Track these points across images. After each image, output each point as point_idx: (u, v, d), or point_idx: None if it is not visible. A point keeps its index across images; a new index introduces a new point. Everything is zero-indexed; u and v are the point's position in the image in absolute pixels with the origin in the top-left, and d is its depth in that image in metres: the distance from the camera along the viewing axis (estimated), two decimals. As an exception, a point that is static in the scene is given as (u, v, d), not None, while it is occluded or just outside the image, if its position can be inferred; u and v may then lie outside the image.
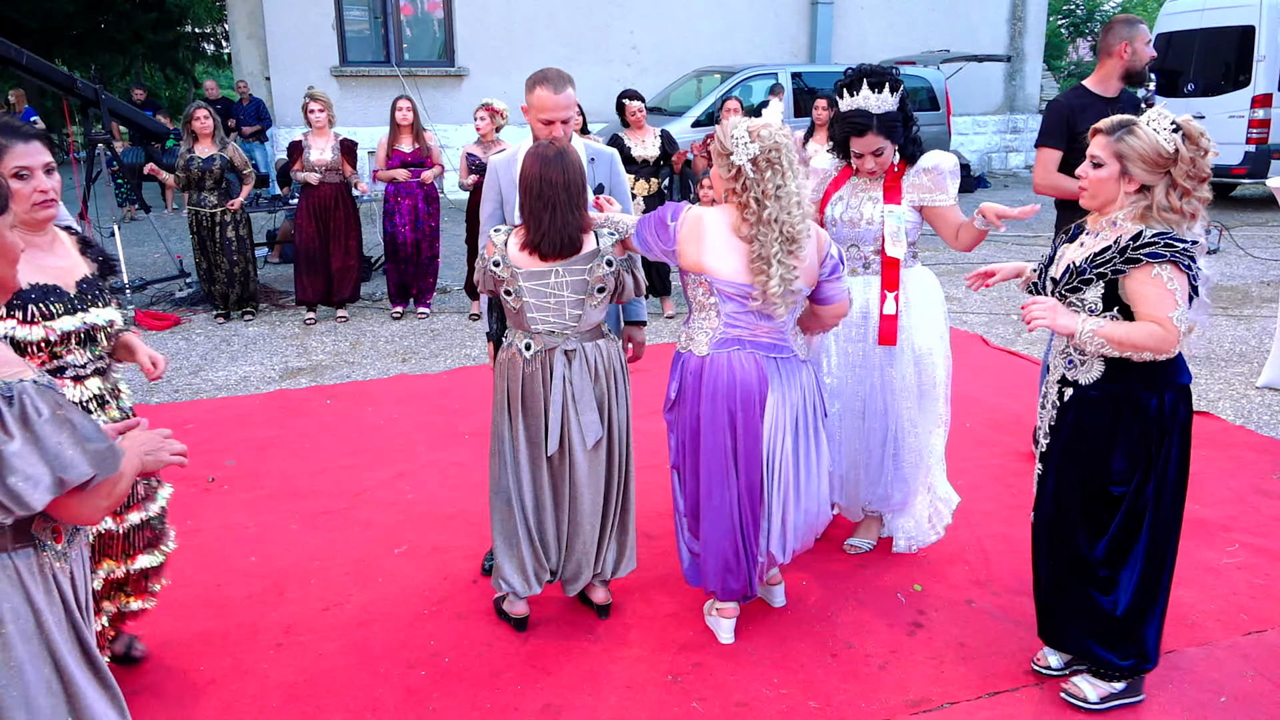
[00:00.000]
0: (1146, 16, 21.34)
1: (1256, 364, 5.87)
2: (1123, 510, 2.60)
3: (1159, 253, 2.40)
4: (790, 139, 2.82)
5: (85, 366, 2.58)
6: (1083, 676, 2.78)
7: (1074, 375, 2.62)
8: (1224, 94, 11.83)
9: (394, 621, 3.26)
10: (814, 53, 14.95)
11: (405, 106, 7.16)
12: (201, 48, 25.06)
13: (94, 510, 1.71)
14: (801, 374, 2.97)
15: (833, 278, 2.92)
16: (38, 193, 2.42)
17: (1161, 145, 2.42)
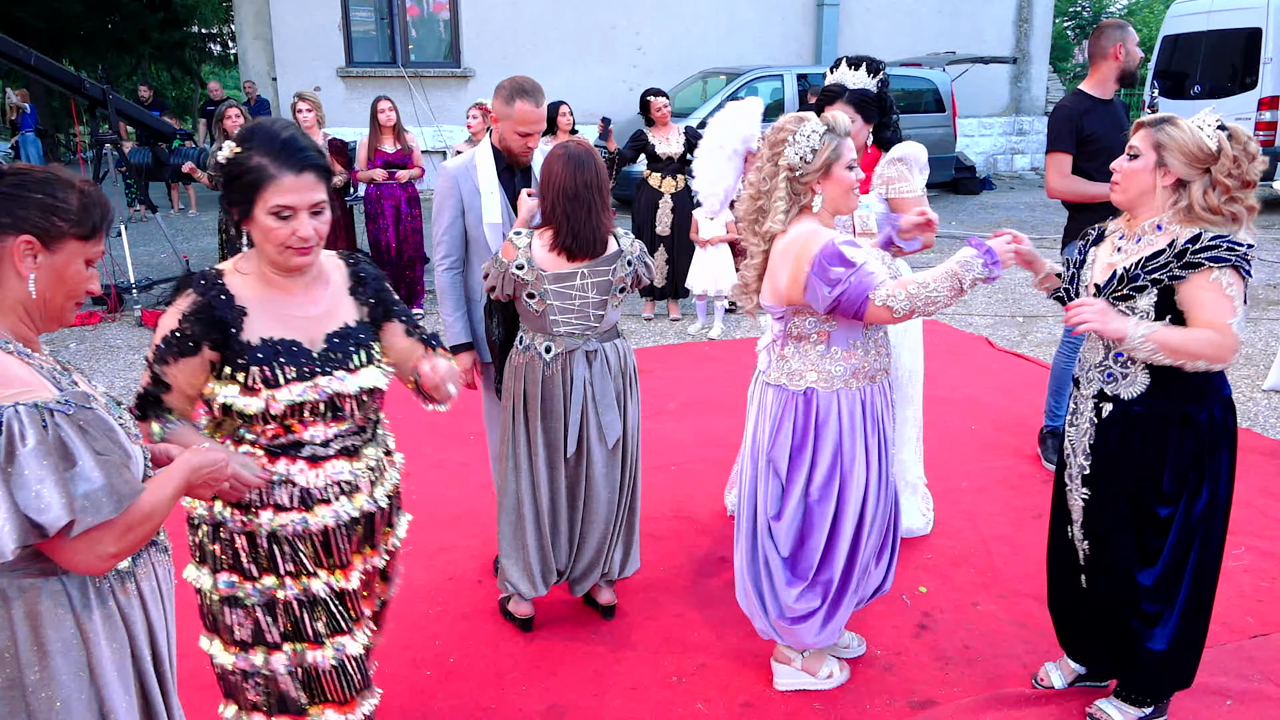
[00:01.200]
0: (1152, 19, 21.34)
1: (1263, 367, 5.86)
2: (1173, 535, 2.47)
3: (1222, 256, 2.26)
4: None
5: (329, 444, 2.01)
6: (1110, 701, 2.69)
7: (1114, 390, 2.46)
8: (1231, 96, 11.80)
9: (399, 621, 3.25)
10: (820, 54, 14.95)
11: (387, 107, 7.18)
12: (208, 48, 25.17)
13: (95, 559, 1.48)
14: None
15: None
16: (296, 238, 1.90)
17: (1203, 140, 2.31)
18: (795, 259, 2.51)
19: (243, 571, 2.02)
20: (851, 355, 2.63)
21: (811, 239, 2.51)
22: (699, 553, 3.73)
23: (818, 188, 2.57)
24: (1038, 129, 16.90)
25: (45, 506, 1.40)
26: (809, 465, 2.67)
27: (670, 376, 5.90)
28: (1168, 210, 2.39)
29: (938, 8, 15.67)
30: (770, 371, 2.74)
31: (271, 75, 13.62)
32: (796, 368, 2.66)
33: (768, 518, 2.76)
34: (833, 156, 2.54)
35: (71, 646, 1.50)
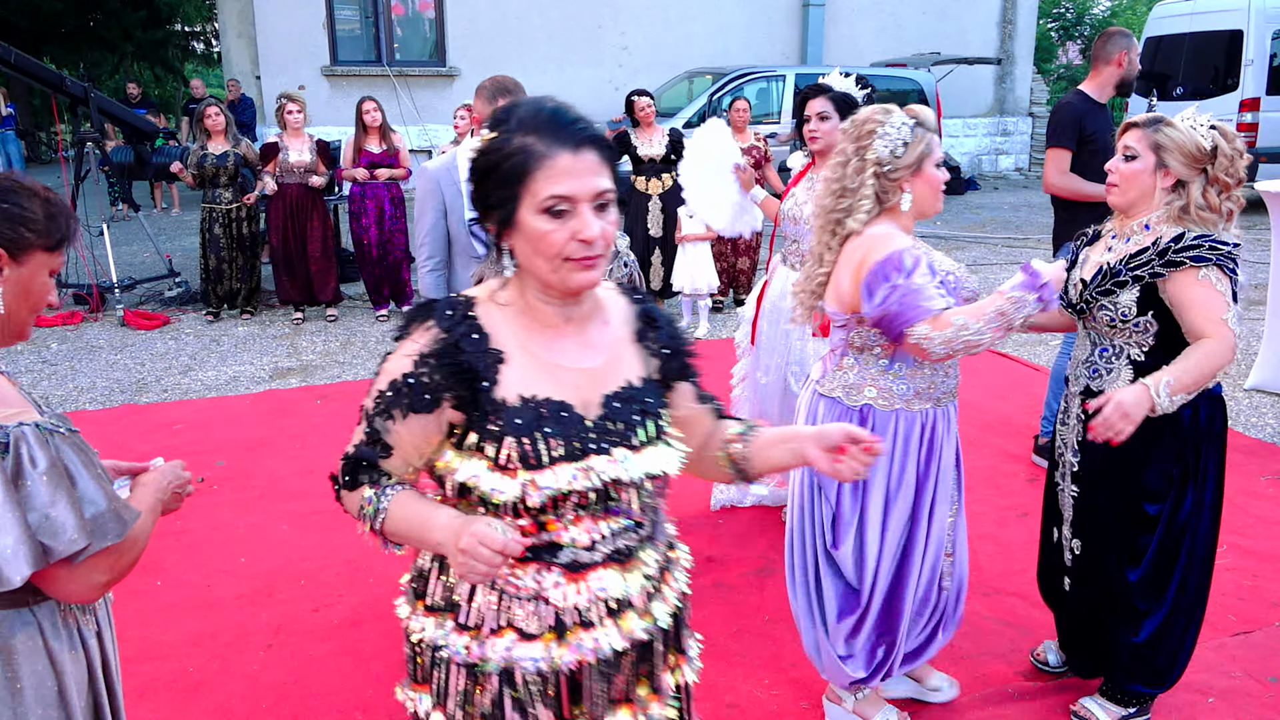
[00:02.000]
0: (1136, 20, 21.48)
1: (1245, 366, 5.91)
2: (1159, 534, 2.48)
3: (1204, 255, 2.29)
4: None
5: (595, 548, 1.46)
6: (1094, 699, 2.70)
7: (1100, 385, 2.48)
8: (1212, 98, 11.90)
9: (385, 622, 3.25)
10: (805, 54, 14.99)
11: (372, 108, 7.18)
12: (191, 46, 25.01)
13: (88, 587, 1.43)
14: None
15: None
16: (577, 243, 1.36)
17: (1200, 140, 2.33)
18: (860, 261, 2.33)
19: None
20: (917, 374, 2.42)
21: (883, 242, 2.30)
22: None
23: (906, 186, 2.36)
24: (1022, 130, 16.99)
25: (59, 530, 1.35)
26: (861, 490, 2.46)
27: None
28: (1160, 209, 2.41)
29: (922, 9, 15.74)
30: (825, 382, 2.52)
31: (255, 74, 13.54)
32: (855, 381, 2.45)
33: (824, 545, 2.54)
34: (925, 151, 2.35)
35: (45, 678, 1.47)
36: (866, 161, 2.35)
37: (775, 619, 3.25)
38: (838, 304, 2.43)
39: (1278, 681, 2.90)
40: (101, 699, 1.58)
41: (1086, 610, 2.65)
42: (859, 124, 2.38)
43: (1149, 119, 2.42)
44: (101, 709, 1.59)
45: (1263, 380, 5.55)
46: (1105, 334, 2.48)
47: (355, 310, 7.75)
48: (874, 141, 2.34)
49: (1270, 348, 5.52)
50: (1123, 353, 2.45)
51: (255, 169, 7.25)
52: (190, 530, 3.91)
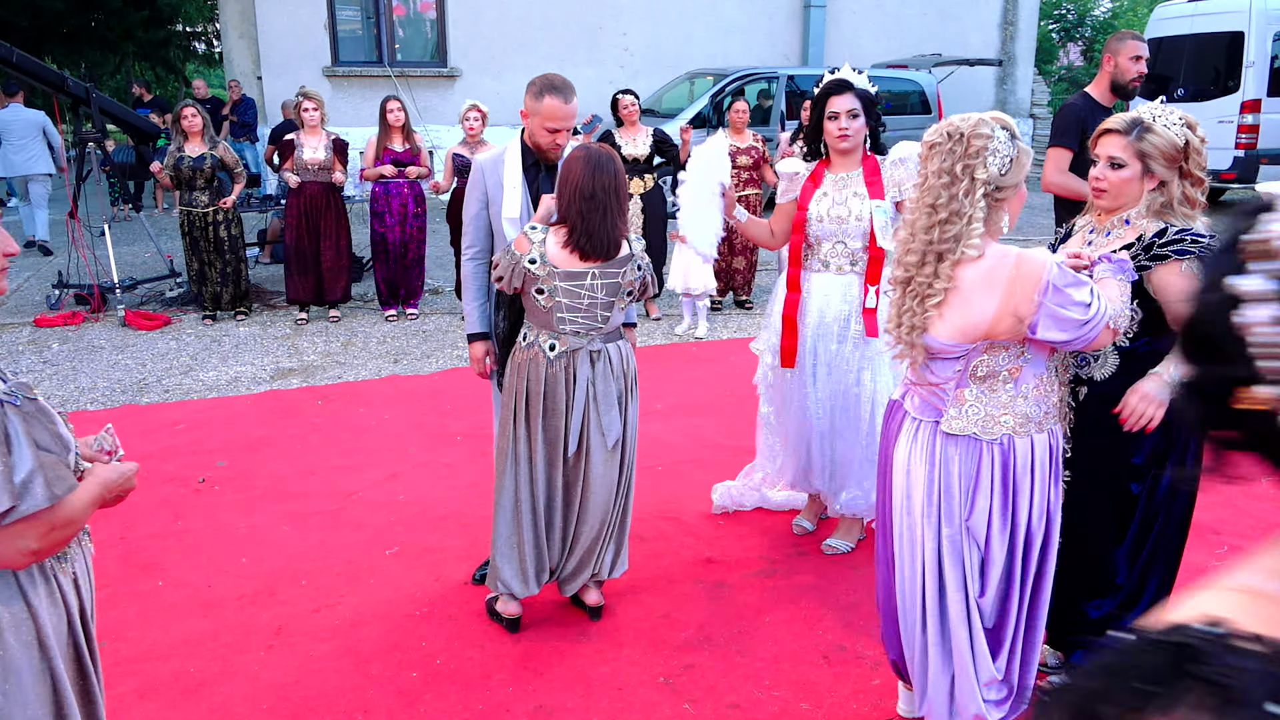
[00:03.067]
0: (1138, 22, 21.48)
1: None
2: (1140, 511, 2.57)
3: (1186, 249, 2.39)
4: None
5: None
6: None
7: (1088, 373, 2.57)
8: (1214, 99, 11.90)
9: (386, 623, 3.25)
10: (806, 55, 14.98)
11: (396, 107, 7.17)
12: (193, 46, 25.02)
13: (16, 552, 1.49)
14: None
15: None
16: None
17: (1175, 140, 2.42)
18: (1009, 286, 2.14)
19: None
20: (1043, 391, 2.31)
21: (1029, 264, 2.15)
22: (686, 554, 3.73)
23: (1006, 206, 2.24)
24: (1023, 131, 16.95)
25: None
26: (1009, 526, 2.32)
27: (657, 377, 5.90)
28: (1141, 206, 2.49)
29: (923, 10, 15.73)
30: (950, 420, 2.30)
31: (257, 74, 13.55)
32: (990, 412, 2.27)
33: (969, 596, 2.35)
34: (1028, 165, 2.23)
35: (22, 622, 1.55)
36: (976, 182, 2.16)
37: (776, 620, 3.26)
38: (960, 336, 2.22)
39: (1278, 683, 2.90)
40: (80, 644, 1.67)
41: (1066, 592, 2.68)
42: (963, 139, 2.17)
43: (1129, 124, 2.47)
44: (81, 653, 1.67)
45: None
46: None
47: (357, 311, 7.76)
48: (984, 159, 2.15)
49: (1271, 349, 5.52)
50: None
51: (232, 172, 7.23)
52: (191, 530, 3.92)
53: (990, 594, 2.35)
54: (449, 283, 8.42)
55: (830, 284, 3.49)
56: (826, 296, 3.49)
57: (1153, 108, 2.49)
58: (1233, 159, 11.63)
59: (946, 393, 2.31)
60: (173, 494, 4.24)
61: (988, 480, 2.28)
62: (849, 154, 3.44)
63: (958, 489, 2.29)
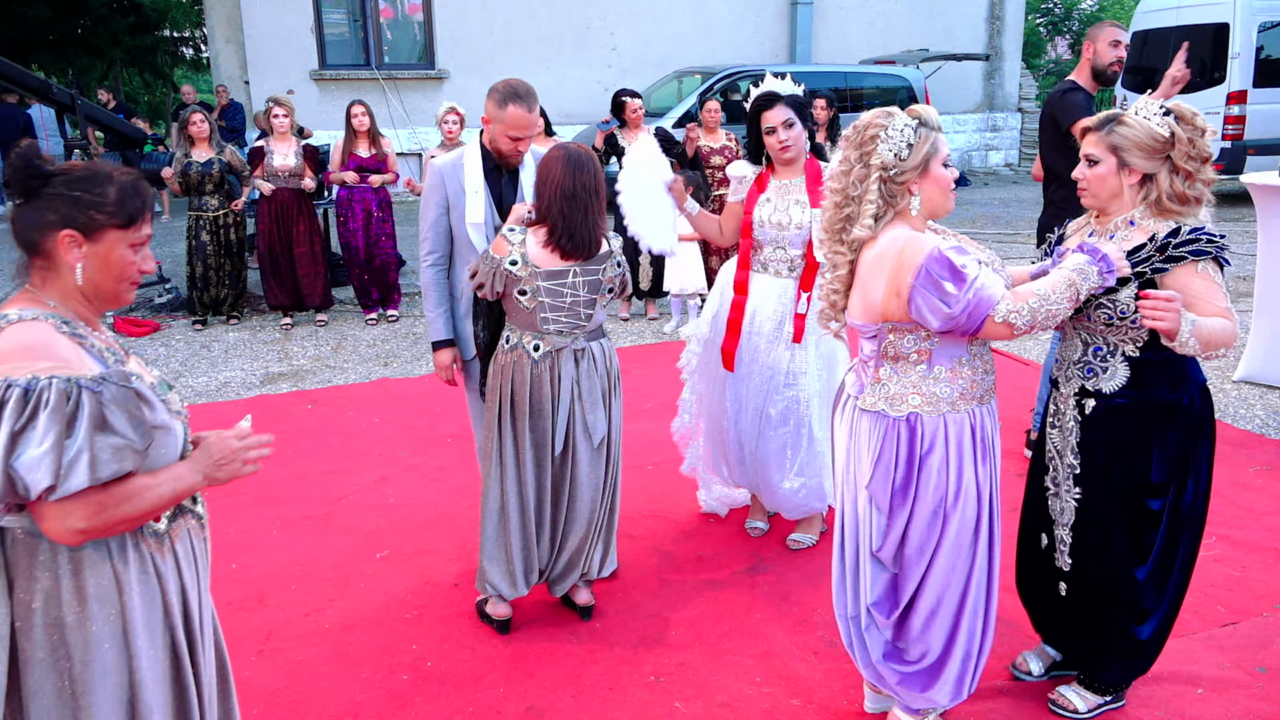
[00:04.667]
0: (1123, 14, 21.54)
1: (1233, 358, 5.93)
2: (1164, 528, 2.50)
3: (1203, 249, 2.32)
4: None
5: None
6: (1071, 688, 2.73)
7: (1095, 385, 2.48)
8: (1200, 91, 11.93)
9: (376, 626, 3.25)
10: (794, 53, 15.00)
11: (360, 112, 7.18)
12: (180, 52, 24.93)
13: (64, 530, 1.55)
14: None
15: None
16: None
17: (1155, 130, 2.34)
18: (893, 269, 2.28)
19: None
20: (957, 375, 2.37)
21: (911, 246, 2.26)
22: (676, 552, 3.73)
23: (914, 188, 2.33)
24: (1011, 125, 17.03)
25: (32, 468, 1.50)
26: (913, 498, 2.41)
27: (648, 376, 5.90)
28: (1139, 206, 2.42)
29: (911, 6, 15.76)
30: (865, 396, 2.45)
31: (244, 78, 13.53)
32: (897, 391, 2.39)
33: (870, 552, 2.50)
34: (931, 151, 2.31)
35: (108, 592, 1.63)
36: (871, 167, 2.31)
37: (766, 617, 3.26)
38: (865, 315, 2.38)
39: (1266, 672, 2.91)
40: (176, 631, 1.73)
41: (1084, 613, 2.64)
42: (861, 129, 2.34)
43: (1102, 120, 2.43)
44: (176, 641, 1.74)
45: (1250, 372, 5.58)
46: (1099, 332, 2.46)
47: (345, 314, 7.74)
48: (877, 146, 2.30)
49: (1258, 340, 5.55)
50: (1117, 350, 2.44)
51: (241, 175, 7.24)
52: (181, 537, 3.91)
53: (887, 553, 2.48)
54: (439, 285, 8.41)
55: (767, 286, 3.55)
56: (762, 298, 3.55)
57: (1138, 102, 2.44)
58: (1220, 150, 11.66)
59: (868, 370, 2.47)
60: (162, 501, 4.22)
61: (890, 454, 2.40)
62: (793, 163, 3.48)
63: (866, 458, 2.45)
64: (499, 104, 3.07)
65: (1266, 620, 3.19)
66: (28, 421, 1.51)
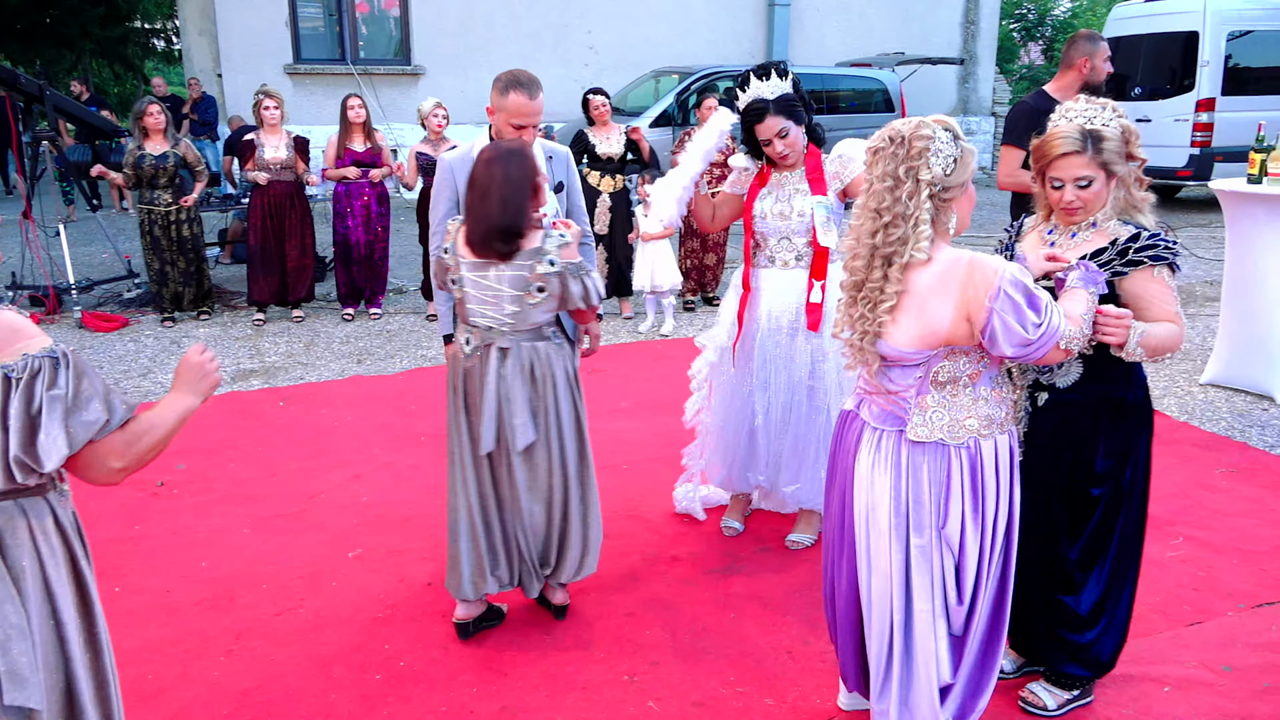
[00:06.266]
0: (1096, 22, 21.79)
1: (1201, 362, 6.01)
2: (1100, 511, 2.58)
3: (1161, 254, 2.39)
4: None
5: None
6: (1040, 684, 2.77)
7: (1050, 380, 2.54)
8: (1169, 98, 12.10)
9: (348, 626, 3.22)
10: (771, 54, 15.03)
11: (357, 104, 7.11)
12: (151, 44, 24.61)
13: (107, 471, 1.77)
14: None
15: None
16: None
17: (1119, 134, 2.42)
18: (962, 292, 2.13)
19: None
20: (1000, 393, 2.30)
21: (980, 267, 2.14)
22: (651, 552, 3.73)
23: (954, 206, 2.21)
24: (985, 129, 17.17)
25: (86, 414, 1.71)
26: (980, 529, 2.28)
27: (622, 375, 5.90)
28: (1108, 208, 2.47)
29: (887, 9, 15.86)
30: (914, 429, 2.26)
31: (217, 71, 13.38)
32: (955, 417, 2.24)
33: (948, 604, 2.31)
34: (973, 166, 2.21)
35: (61, 545, 1.82)
36: (921, 183, 2.13)
37: (741, 616, 3.27)
38: (920, 342, 2.19)
39: (1232, 671, 2.95)
40: (81, 567, 1.90)
41: (1028, 595, 2.70)
42: (905, 141, 2.15)
43: (1081, 140, 2.39)
44: (81, 573, 1.90)
45: (1217, 375, 5.66)
46: None
47: (320, 311, 7.68)
48: (927, 160, 2.13)
49: (1224, 343, 5.63)
50: None
51: (194, 170, 7.13)
52: (149, 535, 3.86)
53: (966, 601, 2.32)
54: (413, 282, 8.37)
55: (778, 279, 3.53)
56: (775, 292, 3.53)
57: (1082, 109, 2.45)
58: (1188, 156, 11.83)
59: (907, 400, 2.26)
60: (130, 498, 4.17)
61: (959, 486, 2.25)
62: (794, 165, 3.47)
63: (928, 497, 2.25)
64: (501, 92, 3.09)
65: (1232, 619, 3.24)
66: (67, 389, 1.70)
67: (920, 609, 2.29)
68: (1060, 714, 2.74)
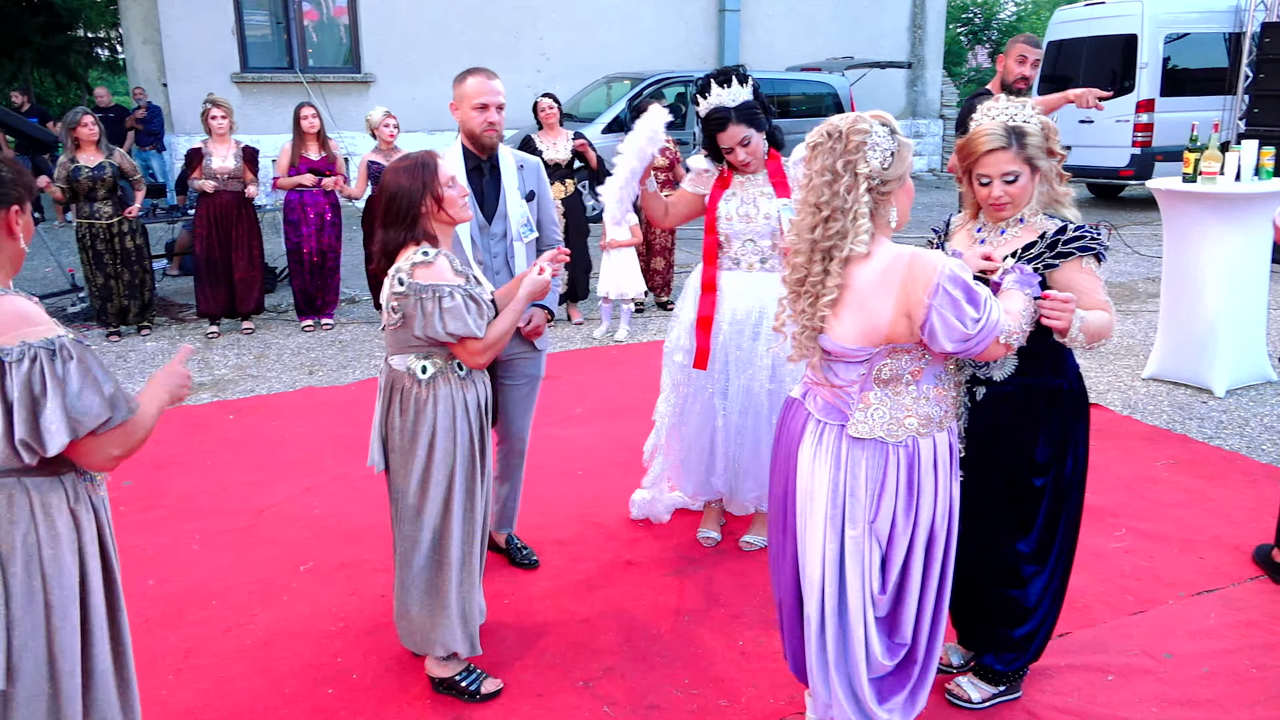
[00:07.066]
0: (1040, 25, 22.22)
1: (1143, 356, 6.16)
2: (1045, 502, 2.64)
3: (1088, 245, 2.46)
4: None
5: None
6: (967, 678, 2.82)
7: (987, 374, 2.58)
8: (1110, 100, 12.36)
9: (300, 640, 3.19)
10: (723, 59, 15.15)
11: (310, 114, 7.04)
12: (95, 53, 24.17)
13: (106, 458, 1.88)
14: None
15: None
16: None
17: (1040, 129, 2.48)
18: (903, 288, 2.14)
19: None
20: (942, 391, 2.33)
21: (920, 263, 2.14)
22: (605, 557, 3.74)
23: (893, 199, 2.23)
24: (934, 131, 17.44)
25: (89, 407, 1.81)
26: (912, 525, 2.32)
27: (577, 381, 5.90)
28: (1034, 203, 2.54)
29: (835, 14, 16.06)
30: (856, 425, 2.27)
31: (162, 81, 13.17)
32: (894, 415, 2.26)
33: (870, 593, 2.34)
34: (910, 159, 2.24)
35: (69, 529, 1.92)
36: (859, 177, 2.15)
37: (695, 618, 3.29)
38: (863, 339, 2.20)
39: (1172, 658, 3.03)
40: (109, 551, 2.05)
41: (971, 591, 2.75)
42: (842, 136, 2.16)
43: (1006, 137, 2.45)
44: (108, 557, 2.05)
45: (1159, 370, 5.80)
46: None
47: (271, 322, 7.59)
48: (864, 154, 2.14)
49: (1165, 338, 5.77)
50: None
51: (132, 180, 6.98)
52: (95, 553, 3.79)
53: (889, 590, 2.36)
54: (365, 291, 8.30)
55: (742, 281, 3.54)
56: (739, 294, 3.53)
57: (1003, 106, 2.51)
58: (1130, 157, 12.11)
59: (851, 395, 2.28)
60: (75, 516, 4.09)
61: (893, 483, 2.28)
62: (755, 171, 3.50)
63: (864, 492, 2.28)
64: (459, 81, 3.14)
65: (1173, 608, 3.32)
66: (65, 376, 1.79)
67: (854, 597, 2.33)
68: (984, 708, 2.78)
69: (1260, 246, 5.42)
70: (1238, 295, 5.43)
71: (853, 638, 2.36)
